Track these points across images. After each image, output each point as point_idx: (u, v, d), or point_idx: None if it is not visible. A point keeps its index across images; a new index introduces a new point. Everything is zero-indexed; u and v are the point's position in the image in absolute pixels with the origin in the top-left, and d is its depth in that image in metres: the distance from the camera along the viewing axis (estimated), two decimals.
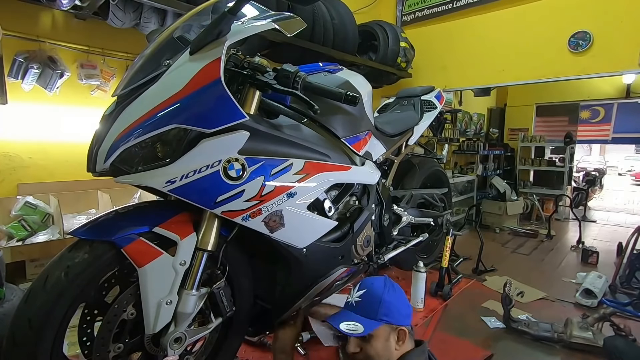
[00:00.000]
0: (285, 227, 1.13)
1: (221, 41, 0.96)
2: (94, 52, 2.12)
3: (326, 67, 1.54)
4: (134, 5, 1.86)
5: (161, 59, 0.98)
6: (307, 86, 1.11)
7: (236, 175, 1.00)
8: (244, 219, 1.04)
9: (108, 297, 0.97)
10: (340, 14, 2.76)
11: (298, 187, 1.16)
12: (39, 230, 1.84)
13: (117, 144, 0.90)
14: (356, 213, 1.53)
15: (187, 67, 0.94)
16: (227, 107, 0.96)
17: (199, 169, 0.95)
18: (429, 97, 2.32)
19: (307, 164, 1.19)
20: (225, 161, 0.99)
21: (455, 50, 3.51)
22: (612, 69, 2.71)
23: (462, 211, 4.60)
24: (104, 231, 0.94)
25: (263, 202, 1.06)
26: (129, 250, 0.92)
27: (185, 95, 0.92)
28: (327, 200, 1.34)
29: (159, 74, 0.95)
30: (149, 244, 0.94)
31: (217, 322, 1.13)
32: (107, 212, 1.04)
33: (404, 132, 2.04)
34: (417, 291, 2.09)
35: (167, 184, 0.93)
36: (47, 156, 2.03)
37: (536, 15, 3.01)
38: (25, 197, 1.88)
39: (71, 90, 2.06)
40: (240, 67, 1.08)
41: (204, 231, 1.03)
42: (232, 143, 1.00)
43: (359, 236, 1.52)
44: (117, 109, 0.94)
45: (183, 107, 0.92)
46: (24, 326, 0.84)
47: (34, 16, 1.93)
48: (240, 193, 1.01)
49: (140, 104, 0.92)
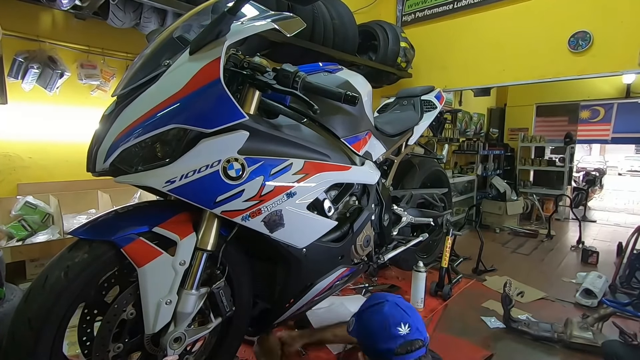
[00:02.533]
0: (285, 227, 1.13)
1: (221, 41, 0.97)
2: (94, 52, 2.12)
3: (326, 67, 1.54)
4: (134, 5, 1.86)
5: (161, 59, 0.98)
6: (306, 86, 1.11)
7: (236, 175, 1.00)
8: (243, 219, 1.04)
9: (108, 297, 0.97)
10: (340, 13, 2.76)
11: (298, 187, 1.16)
12: (39, 230, 1.84)
13: (117, 144, 0.90)
14: (356, 213, 1.52)
15: (186, 67, 0.94)
16: (226, 107, 0.96)
17: (198, 168, 0.95)
18: (429, 97, 2.32)
19: (306, 163, 1.19)
20: (224, 161, 0.99)
21: (455, 50, 3.51)
22: (612, 69, 2.70)
23: (462, 211, 4.60)
24: (104, 231, 0.94)
25: (263, 202, 1.06)
26: (128, 250, 0.92)
27: (184, 95, 0.92)
28: (326, 200, 1.34)
29: (158, 74, 0.95)
30: (149, 244, 0.94)
31: (217, 321, 1.13)
32: (107, 212, 1.04)
33: (403, 132, 2.04)
34: (417, 291, 2.09)
35: (166, 184, 0.93)
36: (47, 156, 2.03)
37: (536, 15, 3.01)
38: (25, 197, 1.88)
39: (71, 90, 2.06)
40: (240, 67, 1.08)
41: (204, 231, 1.03)
42: (231, 143, 1.00)
43: (358, 236, 1.52)
44: (117, 109, 0.94)
45: (182, 107, 0.92)
46: (24, 326, 0.84)
47: (34, 16, 1.93)
48: (239, 193, 1.01)
49: (140, 103, 0.92)
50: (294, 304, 1.34)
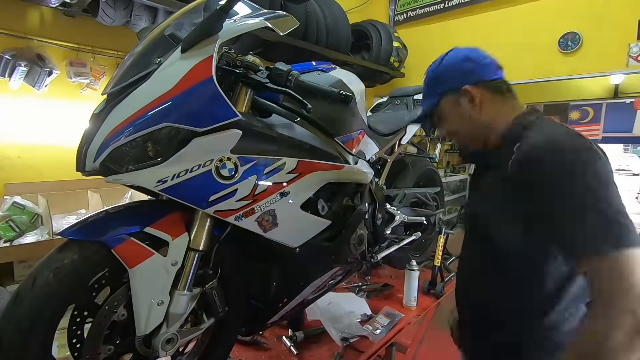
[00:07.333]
0: (278, 227, 1.12)
1: (213, 39, 0.96)
2: (84, 50, 2.09)
3: (319, 66, 1.54)
4: (124, 3, 1.84)
5: (152, 57, 0.96)
6: (300, 85, 1.10)
7: (229, 175, 0.99)
8: (237, 219, 1.03)
9: (98, 298, 0.95)
10: (334, 13, 2.76)
11: (291, 187, 1.15)
12: (28, 231, 1.81)
13: (107, 143, 0.88)
14: (349, 212, 1.52)
15: (178, 65, 0.93)
16: (219, 106, 0.95)
17: (190, 168, 0.94)
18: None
19: (300, 163, 1.19)
20: (217, 160, 0.98)
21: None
22: (601, 69, 2.75)
23: (455, 210, 4.63)
24: (94, 231, 0.92)
25: (256, 202, 1.05)
26: (119, 250, 0.90)
27: (176, 94, 0.91)
28: (320, 199, 1.34)
29: (149, 72, 0.94)
30: (140, 244, 0.93)
31: (210, 322, 1.12)
32: (97, 212, 1.02)
33: (396, 131, 2.04)
34: (410, 290, 2.09)
35: (158, 184, 0.91)
36: (35, 155, 2.00)
37: (527, 16, 3.05)
38: (13, 197, 1.85)
39: (60, 88, 2.03)
40: (232, 65, 1.07)
41: (196, 231, 1.02)
42: (224, 142, 0.99)
43: (352, 235, 1.51)
44: (107, 107, 0.92)
45: (174, 106, 0.91)
46: (12, 329, 0.82)
47: (21, 13, 1.90)
48: (232, 192, 1.00)
49: (131, 102, 0.91)
50: (287, 303, 1.33)
